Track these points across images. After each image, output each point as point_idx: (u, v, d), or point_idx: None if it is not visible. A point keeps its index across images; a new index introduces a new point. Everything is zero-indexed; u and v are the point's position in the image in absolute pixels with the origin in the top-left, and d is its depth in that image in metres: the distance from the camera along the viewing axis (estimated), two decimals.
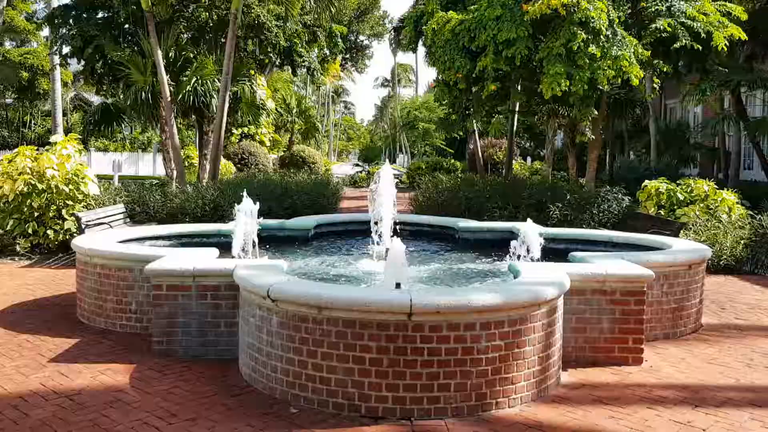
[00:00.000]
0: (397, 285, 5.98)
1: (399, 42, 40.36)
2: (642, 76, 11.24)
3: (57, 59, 25.28)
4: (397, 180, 35.17)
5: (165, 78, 14.90)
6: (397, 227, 9.14)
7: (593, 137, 13.26)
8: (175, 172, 15.70)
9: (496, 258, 8.73)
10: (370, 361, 4.77)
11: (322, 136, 44.35)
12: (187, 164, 26.21)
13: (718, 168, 25.29)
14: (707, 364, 6.29)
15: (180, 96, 15.38)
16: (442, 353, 4.75)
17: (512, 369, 4.96)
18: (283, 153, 34.56)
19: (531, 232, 8.22)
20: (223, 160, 24.83)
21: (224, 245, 8.27)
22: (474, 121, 15.51)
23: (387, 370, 4.75)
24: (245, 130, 30.16)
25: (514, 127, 19.84)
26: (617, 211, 13.29)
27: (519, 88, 12.75)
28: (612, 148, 26.13)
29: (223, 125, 15.50)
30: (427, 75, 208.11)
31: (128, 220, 11.57)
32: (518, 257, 8.28)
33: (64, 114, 44.57)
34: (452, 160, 34.01)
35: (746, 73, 17.88)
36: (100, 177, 26.85)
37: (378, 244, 8.76)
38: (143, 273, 6.31)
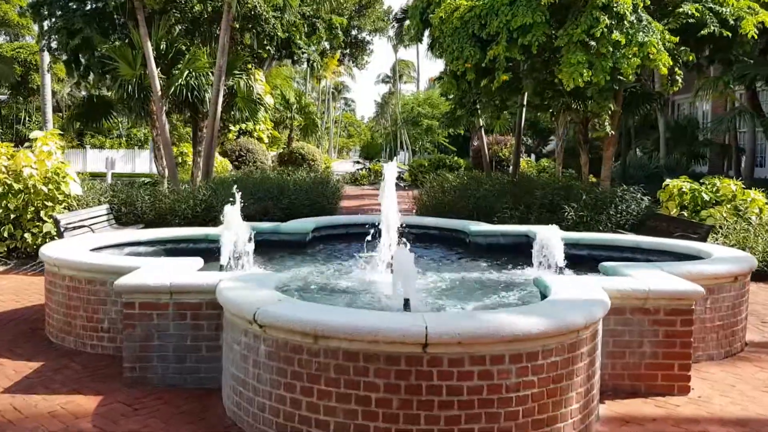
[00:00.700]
0: (406, 303, 5.17)
1: (401, 35, 39.47)
2: (671, 64, 10.37)
3: (47, 56, 24.47)
4: (398, 176, 34.39)
5: (155, 70, 14.05)
6: (403, 230, 8.32)
7: (612, 132, 12.38)
8: (166, 171, 14.85)
9: (513, 266, 7.91)
10: (376, 402, 3.95)
11: (322, 133, 43.50)
12: (181, 161, 25.36)
13: (728, 165, 24.46)
14: (762, 393, 5.46)
15: (171, 90, 14.52)
16: (463, 392, 3.92)
17: (548, 409, 4.13)
18: (282, 150, 33.71)
19: (553, 239, 7.41)
20: (218, 158, 24.02)
21: (213, 252, 7.46)
22: (482, 116, 14.62)
23: (397, 412, 3.93)
24: (243, 126, 29.30)
25: (522, 123, 18.99)
26: (636, 211, 12.46)
27: (531, 79, 11.85)
28: (618, 145, 25.30)
29: (217, 121, 14.66)
30: (429, 71, 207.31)
31: (113, 222, 10.75)
32: (539, 265, 7.50)
33: (59, 110, 43.72)
34: (455, 158, 33.17)
35: (761, 67, 17.02)
36: (93, 175, 26.11)
37: (382, 249, 7.94)
38: (114, 288, 5.48)
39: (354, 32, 38.93)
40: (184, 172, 21.88)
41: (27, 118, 43.95)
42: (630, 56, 9.90)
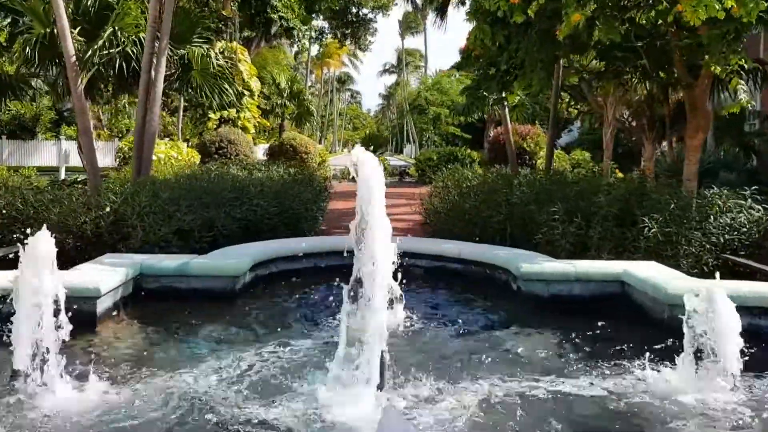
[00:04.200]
0: None
1: (407, 20, 35.62)
2: None
3: None
4: (403, 171, 30.47)
5: (66, 27, 10.13)
6: (404, 263, 4.42)
7: (707, 108, 8.47)
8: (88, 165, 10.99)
9: (622, 354, 4.06)
10: None
11: (317, 122, 39.69)
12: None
13: None
14: None
15: (90, 55, 10.63)
16: None
17: None
18: (274, 141, 29.88)
19: (722, 307, 3.54)
20: (185, 148, 20.20)
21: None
22: (519, 88, 10.70)
23: None
24: (224, 114, 25.50)
25: (557, 103, 14.99)
26: (746, 226, 8.55)
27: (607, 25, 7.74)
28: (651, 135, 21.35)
29: (155, 99, 10.74)
30: (436, 61, 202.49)
31: None
32: (690, 361, 3.69)
33: None
34: (467, 150, 29.20)
35: None
36: (41, 170, 22.29)
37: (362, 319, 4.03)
38: None
39: (354, 9, 34.92)
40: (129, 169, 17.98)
41: None
42: None
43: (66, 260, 7.60)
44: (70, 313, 3.74)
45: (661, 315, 4.78)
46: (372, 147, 45.24)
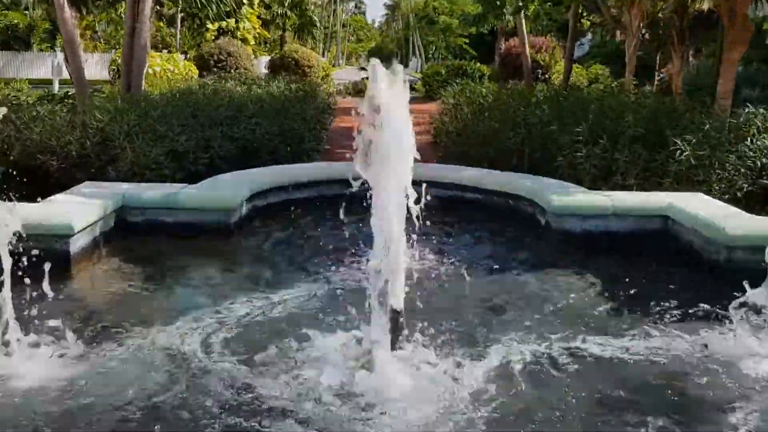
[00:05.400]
0: None
1: None
2: None
3: None
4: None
5: None
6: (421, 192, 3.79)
7: (748, 18, 7.65)
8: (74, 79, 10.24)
9: (667, 312, 3.51)
10: None
11: (320, 34, 38.13)
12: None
13: None
14: None
15: None
16: None
17: None
18: (275, 54, 28.72)
19: None
20: (182, 61, 19.31)
21: None
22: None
23: None
24: (223, 24, 24.33)
25: (578, 12, 13.96)
26: None
27: None
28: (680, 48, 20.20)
29: (145, 6, 9.86)
30: None
31: None
32: None
33: None
34: (477, 64, 28.02)
35: None
36: (34, 83, 21.36)
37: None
38: None
39: None
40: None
41: None
42: None
43: (53, 183, 7.03)
44: (37, 256, 3.18)
45: (716, 258, 4.22)
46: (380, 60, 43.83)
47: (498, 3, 10.75)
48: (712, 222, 4.26)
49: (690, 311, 3.54)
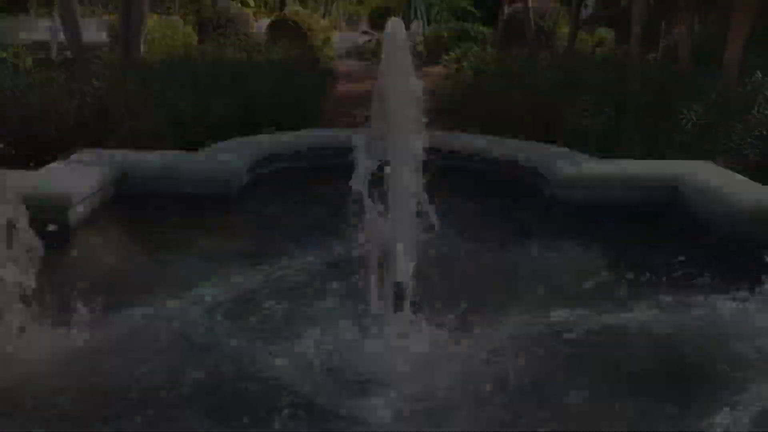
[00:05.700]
0: None
1: None
2: None
3: None
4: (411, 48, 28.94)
5: None
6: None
7: None
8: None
9: (681, 285, 3.48)
10: None
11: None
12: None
13: None
14: None
15: None
16: None
17: None
18: (275, 17, 28.28)
19: None
20: (181, 24, 19.03)
21: None
22: None
23: None
24: None
25: None
26: None
27: None
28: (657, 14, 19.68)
29: None
30: None
31: None
32: None
33: None
34: (479, 26, 27.62)
35: None
36: (30, 48, 21.06)
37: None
38: None
39: None
40: None
41: None
42: None
43: (53, 151, 6.94)
44: (34, 229, 3.13)
45: (730, 231, 4.16)
46: (377, 24, 43.17)
47: None
48: (728, 193, 4.20)
49: (701, 283, 3.48)
